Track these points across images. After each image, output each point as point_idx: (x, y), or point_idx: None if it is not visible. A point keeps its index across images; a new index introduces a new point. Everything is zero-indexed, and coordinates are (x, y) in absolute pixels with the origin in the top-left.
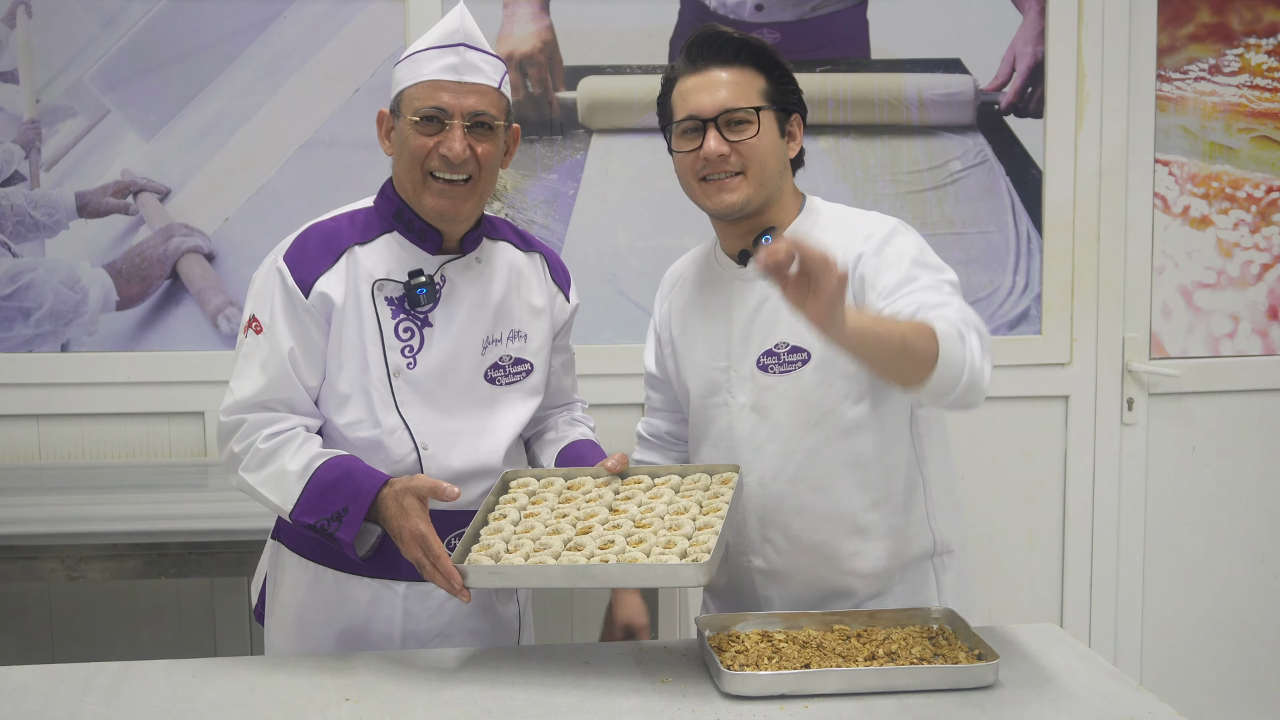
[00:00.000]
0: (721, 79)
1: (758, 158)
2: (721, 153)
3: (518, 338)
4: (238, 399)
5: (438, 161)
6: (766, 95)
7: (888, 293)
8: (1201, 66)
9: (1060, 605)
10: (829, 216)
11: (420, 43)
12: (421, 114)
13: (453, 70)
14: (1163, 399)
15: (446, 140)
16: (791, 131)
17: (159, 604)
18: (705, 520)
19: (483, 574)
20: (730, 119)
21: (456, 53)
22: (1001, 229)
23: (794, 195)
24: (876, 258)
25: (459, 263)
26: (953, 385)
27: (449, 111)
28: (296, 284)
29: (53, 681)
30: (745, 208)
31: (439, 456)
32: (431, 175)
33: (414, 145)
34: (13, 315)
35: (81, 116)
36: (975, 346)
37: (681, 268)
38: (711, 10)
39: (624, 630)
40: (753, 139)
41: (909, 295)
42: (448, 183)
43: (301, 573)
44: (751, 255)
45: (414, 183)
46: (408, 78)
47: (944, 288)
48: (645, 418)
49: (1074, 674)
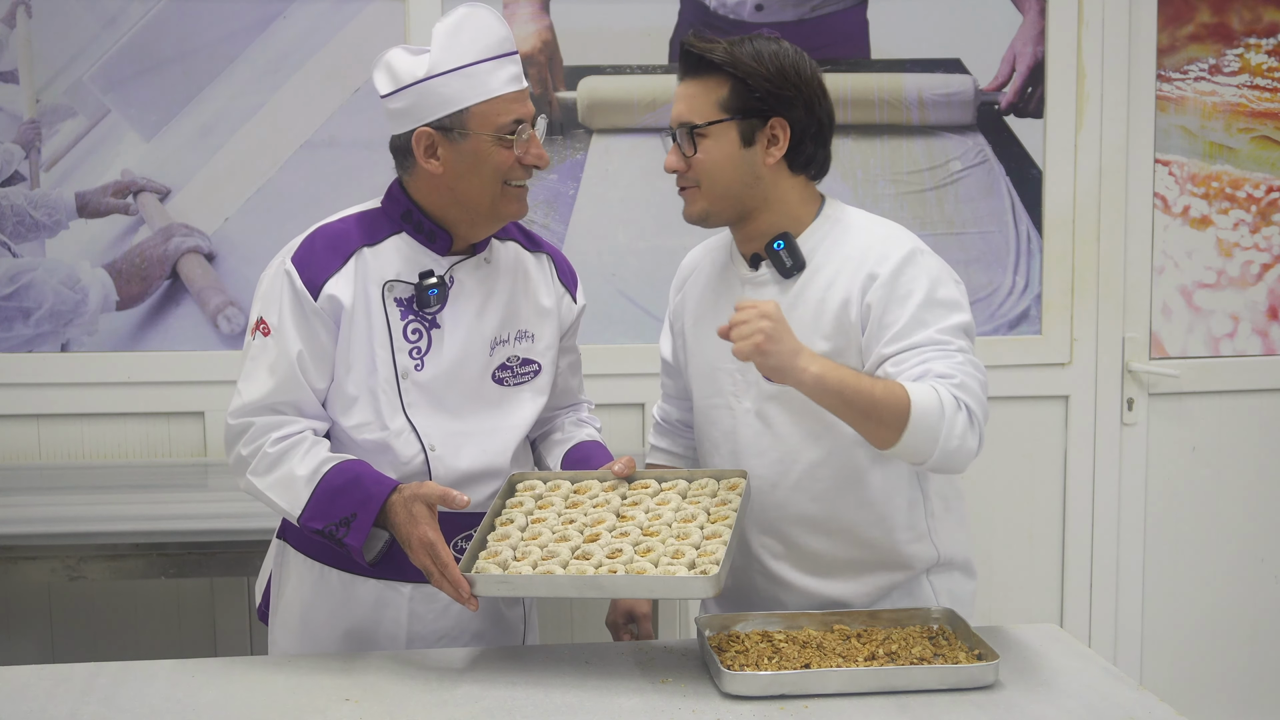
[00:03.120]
0: (682, 93)
1: (706, 171)
2: (676, 168)
3: (525, 338)
4: (245, 402)
5: (520, 171)
6: (724, 105)
7: (892, 338)
8: (1201, 66)
9: (1060, 605)
10: (845, 224)
11: (465, 55)
12: (506, 129)
13: (516, 80)
14: (1163, 399)
15: (532, 147)
16: (774, 135)
17: (159, 604)
18: (713, 529)
19: (491, 583)
20: (683, 134)
21: (513, 61)
22: (1001, 229)
23: (806, 198)
24: (886, 289)
25: (468, 263)
26: (923, 457)
27: (526, 121)
28: (305, 286)
29: (53, 681)
30: (708, 219)
31: (446, 458)
32: (507, 184)
33: (499, 160)
34: (13, 315)
35: (81, 116)
36: (960, 423)
37: (698, 258)
38: (711, 10)
39: (626, 615)
40: (698, 153)
41: (915, 356)
42: (519, 186)
43: (307, 573)
44: (763, 260)
45: (491, 196)
46: (471, 95)
47: (952, 346)
48: (660, 403)
49: (1074, 674)
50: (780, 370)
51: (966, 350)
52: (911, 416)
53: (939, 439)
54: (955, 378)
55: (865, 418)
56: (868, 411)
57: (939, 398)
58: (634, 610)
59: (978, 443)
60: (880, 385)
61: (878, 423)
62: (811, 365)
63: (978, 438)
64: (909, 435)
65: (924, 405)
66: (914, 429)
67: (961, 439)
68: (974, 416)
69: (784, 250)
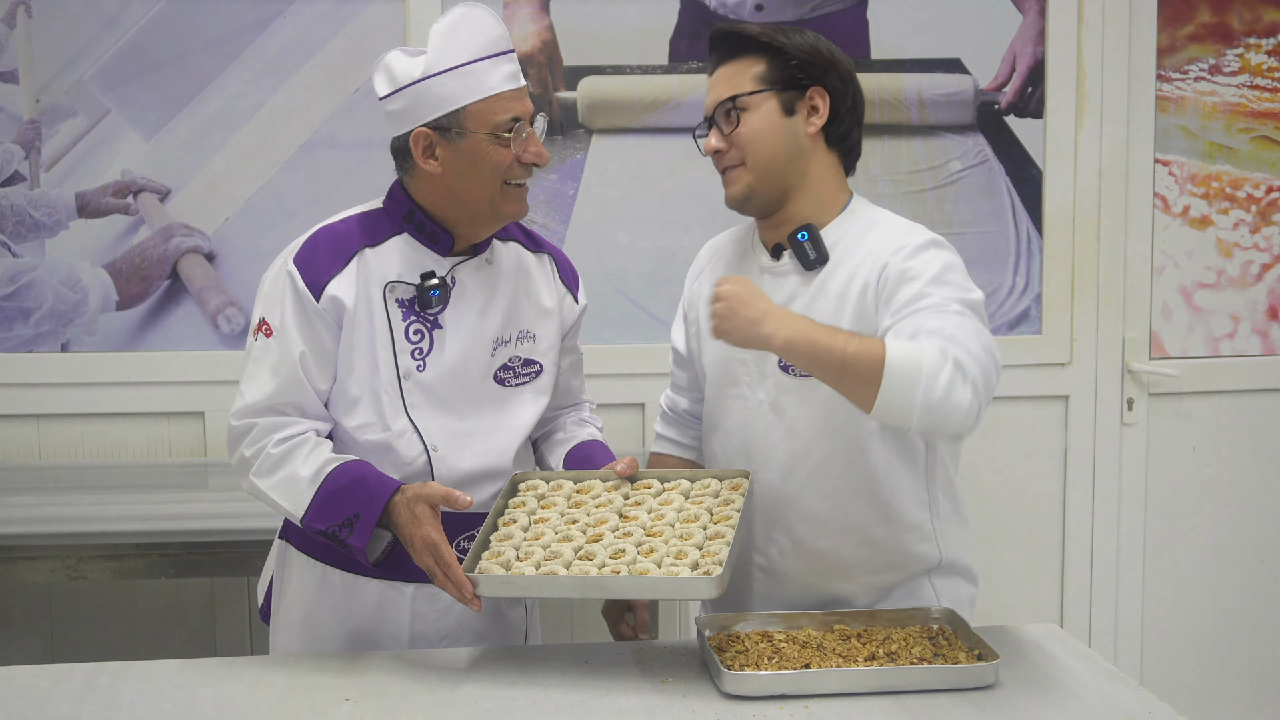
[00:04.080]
0: (719, 77)
1: (750, 143)
2: (716, 148)
3: (527, 338)
4: (248, 403)
5: (519, 170)
6: (762, 78)
7: (897, 309)
8: (1201, 66)
9: (1060, 605)
10: (868, 220)
11: (462, 54)
12: (503, 128)
13: (513, 79)
14: (1163, 399)
15: (530, 145)
16: (813, 105)
17: (159, 604)
18: (716, 529)
19: (494, 583)
20: (722, 112)
21: (510, 60)
22: (1001, 229)
23: (837, 187)
24: (900, 270)
25: (470, 264)
26: (906, 416)
27: (523, 119)
28: (308, 287)
29: (53, 681)
30: (751, 197)
31: (449, 458)
32: (506, 183)
33: (497, 159)
34: (13, 315)
35: (81, 116)
36: (945, 375)
37: (718, 247)
38: (711, 10)
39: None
40: (740, 127)
41: (910, 318)
42: (518, 186)
43: (309, 573)
44: (785, 250)
45: (490, 195)
46: (468, 94)
47: (950, 308)
48: (669, 392)
49: (1074, 674)
50: (748, 342)
51: (966, 315)
52: (886, 369)
53: (918, 393)
54: (945, 331)
55: (840, 376)
56: (842, 369)
57: (920, 349)
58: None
59: (972, 399)
60: (855, 342)
61: (854, 380)
62: (780, 330)
63: (971, 392)
64: (885, 390)
65: (900, 356)
66: (890, 382)
67: (946, 391)
68: (963, 368)
69: (808, 241)
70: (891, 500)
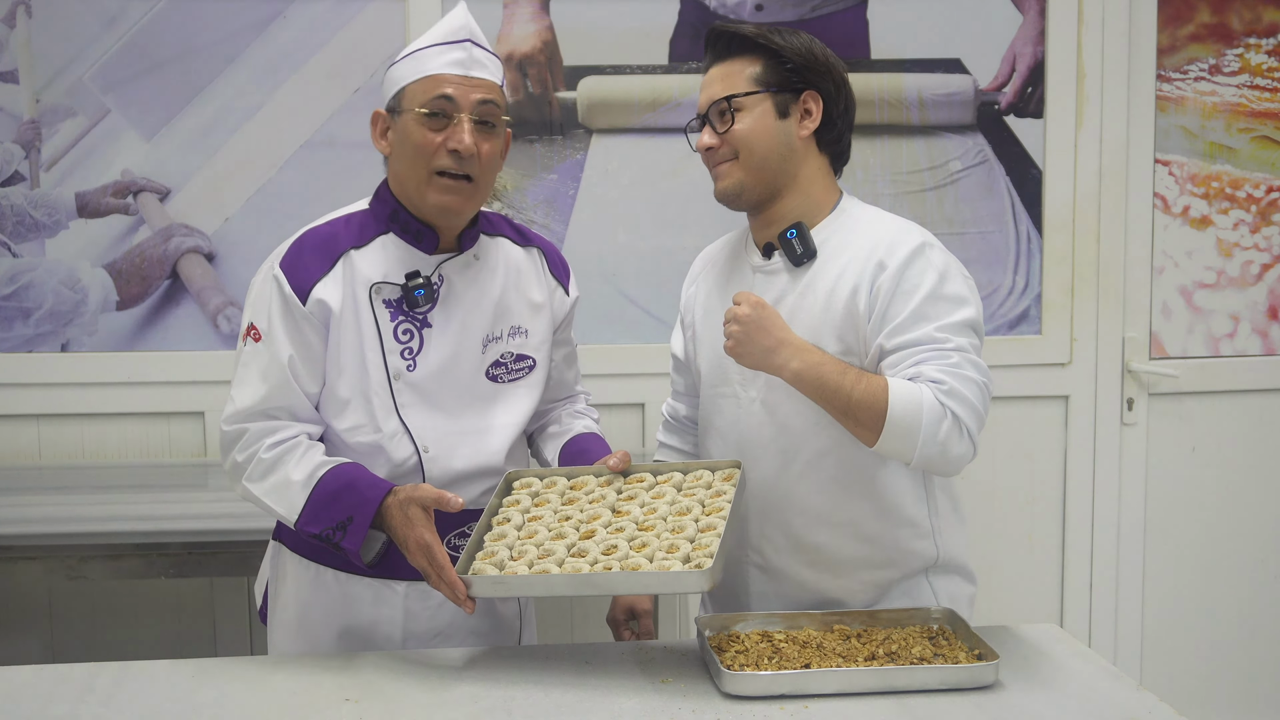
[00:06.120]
0: (714, 76)
1: (743, 140)
2: (709, 145)
3: (518, 334)
4: (239, 408)
5: (446, 158)
6: (757, 79)
7: (892, 331)
8: (1201, 66)
9: (1060, 605)
10: (857, 217)
11: (421, 41)
12: (429, 107)
13: (460, 65)
14: (1163, 399)
15: (455, 133)
16: (807, 109)
17: (159, 604)
18: (708, 521)
19: (487, 584)
20: (716, 111)
21: (463, 48)
22: (1001, 229)
23: (828, 187)
24: (893, 280)
25: (456, 261)
26: (905, 458)
27: (457, 103)
28: (294, 291)
29: (53, 681)
30: (743, 193)
31: (440, 459)
32: (436, 172)
33: (419, 140)
34: (13, 315)
35: (81, 116)
36: (944, 430)
37: (712, 253)
38: (711, 10)
39: (627, 612)
40: (734, 126)
41: (912, 363)
42: (453, 178)
43: (302, 573)
44: (775, 249)
45: (417, 180)
46: (410, 74)
47: (949, 345)
48: (669, 400)
49: (1074, 674)
50: (759, 367)
51: (966, 349)
52: (888, 419)
53: (917, 443)
54: (946, 384)
55: (844, 415)
56: (846, 410)
57: (920, 402)
58: (635, 607)
59: (967, 448)
60: (862, 385)
61: (855, 421)
62: (791, 362)
63: (967, 443)
64: (886, 437)
65: (901, 409)
66: (890, 432)
67: (943, 445)
68: (961, 423)
69: (796, 238)
70: (887, 495)
